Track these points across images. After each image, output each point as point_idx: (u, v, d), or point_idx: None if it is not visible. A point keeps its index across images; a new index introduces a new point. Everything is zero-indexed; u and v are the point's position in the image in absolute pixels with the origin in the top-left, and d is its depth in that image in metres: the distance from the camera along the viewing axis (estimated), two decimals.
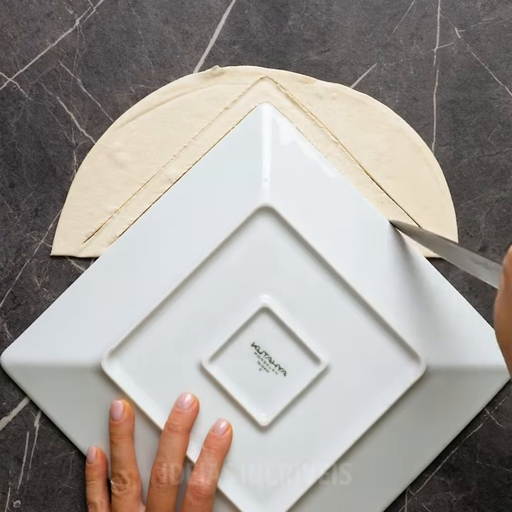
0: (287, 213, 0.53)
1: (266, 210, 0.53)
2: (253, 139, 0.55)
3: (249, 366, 0.54)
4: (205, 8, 0.57)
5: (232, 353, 0.53)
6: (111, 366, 0.53)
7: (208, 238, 0.53)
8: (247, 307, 0.53)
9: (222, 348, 0.53)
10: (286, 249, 0.53)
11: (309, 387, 0.53)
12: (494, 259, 0.45)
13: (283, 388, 0.53)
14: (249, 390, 0.54)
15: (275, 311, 0.53)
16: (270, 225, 0.53)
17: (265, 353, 0.53)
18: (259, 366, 0.54)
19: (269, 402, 0.54)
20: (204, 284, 0.53)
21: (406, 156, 0.57)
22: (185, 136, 0.57)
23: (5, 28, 0.57)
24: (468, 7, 0.58)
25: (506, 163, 0.57)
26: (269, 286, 0.54)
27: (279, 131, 0.55)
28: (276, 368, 0.54)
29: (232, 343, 0.53)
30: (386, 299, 0.54)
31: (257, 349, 0.53)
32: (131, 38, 0.57)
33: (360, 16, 0.57)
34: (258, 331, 0.53)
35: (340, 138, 0.57)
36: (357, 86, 0.57)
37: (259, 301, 0.53)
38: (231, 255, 0.53)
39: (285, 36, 0.57)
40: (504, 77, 0.57)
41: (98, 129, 0.57)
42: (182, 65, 0.57)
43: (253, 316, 0.53)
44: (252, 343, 0.54)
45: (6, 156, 0.57)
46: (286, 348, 0.53)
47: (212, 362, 0.53)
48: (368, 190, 0.57)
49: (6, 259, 0.57)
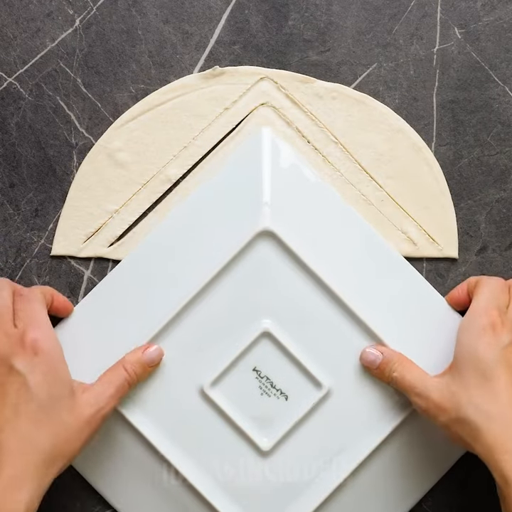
0: (288, 237, 0.53)
1: (266, 235, 0.53)
2: (253, 163, 0.55)
3: (251, 391, 0.53)
4: (205, 8, 0.57)
5: (233, 377, 0.53)
6: None
7: (209, 263, 0.53)
8: (248, 332, 0.53)
9: (223, 373, 0.53)
10: (287, 273, 0.53)
11: (311, 411, 0.53)
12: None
13: (285, 413, 0.53)
14: (250, 414, 0.53)
15: (276, 335, 0.53)
16: (271, 249, 0.53)
17: (267, 377, 0.53)
18: (260, 391, 0.53)
19: (271, 427, 0.53)
20: (204, 309, 0.53)
21: (406, 156, 0.57)
22: (185, 137, 0.57)
23: (5, 28, 0.57)
24: (468, 7, 0.58)
25: (506, 163, 0.57)
26: (270, 310, 0.53)
27: (279, 154, 0.55)
28: (277, 393, 0.53)
29: (233, 367, 0.53)
30: (388, 323, 0.53)
31: (258, 374, 0.53)
32: (131, 38, 0.57)
33: (360, 15, 0.57)
34: (259, 355, 0.53)
35: (340, 138, 0.57)
36: (357, 86, 0.57)
37: (260, 325, 0.53)
38: (232, 280, 0.53)
39: (285, 36, 0.57)
40: (504, 77, 0.57)
41: (98, 129, 0.57)
42: (182, 65, 0.57)
43: (254, 340, 0.53)
44: (254, 367, 0.53)
45: (6, 156, 0.57)
46: (288, 373, 0.53)
47: (214, 387, 0.53)
48: (368, 189, 0.57)
49: (6, 259, 0.57)
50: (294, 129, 0.57)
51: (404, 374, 0.50)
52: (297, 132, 0.57)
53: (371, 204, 0.57)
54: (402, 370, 0.51)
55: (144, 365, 0.52)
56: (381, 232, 0.56)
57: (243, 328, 0.53)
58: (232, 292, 0.53)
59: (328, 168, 0.57)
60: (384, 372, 0.52)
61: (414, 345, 0.53)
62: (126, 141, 0.57)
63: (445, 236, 0.57)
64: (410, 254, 0.57)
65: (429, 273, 0.57)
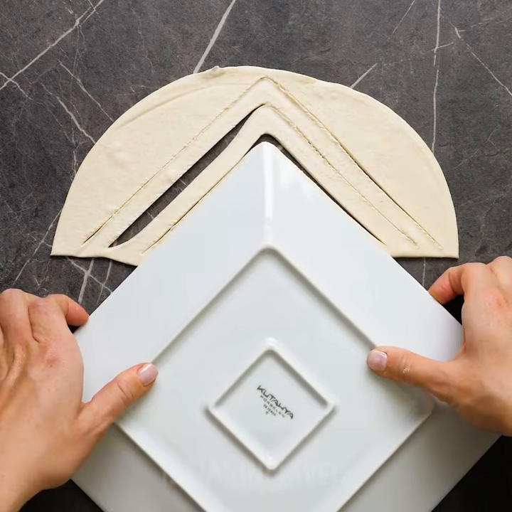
0: (290, 255, 0.53)
1: (269, 252, 0.53)
2: (255, 180, 0.55)
3: (256, 409, 0.53)
4: (205, 8, 0.57)
5: (238, 396, 0.53)
6: None
7: (211, 281, 0.53)
8: (252, 350, 0.53)
9: (228, 392, 0.53)
10: (290, 291, 0.53)
11: (317, 429, 0.53)
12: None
13: (290, 431, 0.53)
14: (256, 433, 0.53)
15: (280, 353, 0.53)
16: (273, 266, 0.53)
17: (271, 396, 0.53)
18: (265, 409, 0.53)
19: (277, 446, 0.53)
20: (208, 328, 0.53)
21: (406, 156, 0.57)
22: (185, 137, 0.57)
23: (5, 28, 0.57)
24: (468, 7, 0.57)
25: (506, 163, 0.57)
26: (274, 328, 0.53)
27: (280, 171, 0.55)
28: (282, 411, 0.53)
29: (237, 386, 0.53)
30: (392, 338, 0.53)
31: (263, 392, 0.53)
32: (131, 38, 0.57)
33: (360, 15, 0.57)
34: (264, 374, 0.53)
35: (340, 138, 0.57)
36: (357, 86, 0.57)
37: (264, 344, 0.53)
38: (235, 298, 0.53)
39: (285, 36, 0.57)
40: (504, 77, 0.57)
41: (98, 129, 0.57)
42: (182, 65, 0.57)
43: (258, 359, 0.53)
44: (258, 386, 0.53)
45: (6, 156, 0.57)
46: (293, 391, 0.53)
47: (219, 406, 0.53)
48: (368, 190, 0.57)
49: (6, 259, 0.57)
50: (294, 129, 0.57)
51: (416, 367, 0.50)
52: (297, 132, 0.57)
53: (371, 205, 0.57)
54: (413, 364, 0.51)
55: (138, 384, 0.52)
56: (381, 232, 0.56)
57: (247, 346, 0.53)
58: (235, 310, 0.53)
59: (328, 169, 0.57)
60: (393, 371, 0.52)
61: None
62: (126, 141, 0.57)
63: (445, 236, 0.57)
64: (411, 254, 0.57)
65: (429, 273, 0.57)
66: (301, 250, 0.53)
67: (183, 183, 0.57)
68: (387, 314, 0.54)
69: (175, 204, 0.57)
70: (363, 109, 0.57)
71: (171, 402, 0.53)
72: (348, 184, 0.57)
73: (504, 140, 0.57)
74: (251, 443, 0.53)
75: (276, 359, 0.53)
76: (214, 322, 0.53)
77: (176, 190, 0.57)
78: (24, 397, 0.47)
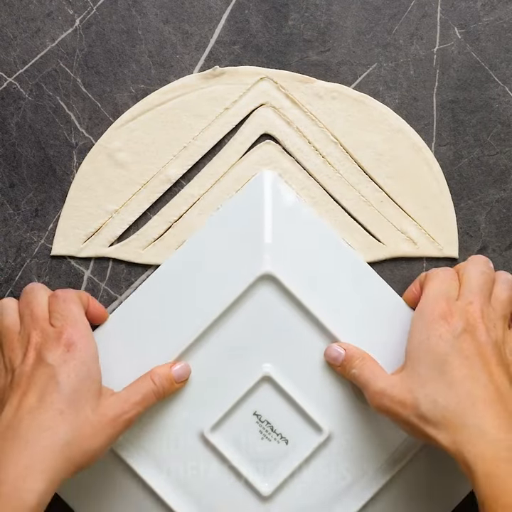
0: (289, 281, 0.53)
1: (267, 279, 0.53)
2: (255, 206, 0.55)
3: (251, 435, 0.53)
4: (205, 8, 0.57)
5: (233, 422, 0.53)
6: None
7: (209, 307, 0.53)
8: (249, 376, 0.53)
9: (223, 417, 0.53)
10: (288, 317, 0.53)
11: (312, 455, 0.53)
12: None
13: (285, 457, 0.53)
14: (251, 459, 0.53)
15: (277, 380, 0.53)
16: (272, 292, 0.53)
17: (267, 421, 0.53)
18: (261, 435, 0.53)
19: (272, 472, 0.53)
20: (205, 353, 0.53)
21: (406, 156, 0.57)
22: (185, 137, 0.57)
23: (5, 28, 0.57)
24: (468, 7, 0.57)
25: (506, 163, 0.57)
26: (270, 354, 0.53)
27: (280, 197, 0.55)
28: (278, 437, 0.53)
29: (233, 412, 0.53)
30: (387, 365, 0.53)
31: (258, 418, 0.53)
32: (131, 38, 0.57)
33: (360, 15, 0.57)
34: (260, 400, 0.53)
35: (340, 138, 0.57)
36: (357, 86, 0.57)
37: (261, 369, 0.53)
38: (232, 324, 0.53)
39: (285, 36, 0.57)
40: (504, 77, 0.57)
41: (98, 129, 0.57)
42: (182, 65, 0.57)
43: (255, 385, 0.53)
44: (254, 412, 0.53)
45: (6, 156, 0.57)
46: (288, 417, 0.53)
47: (214, 431, 0.53)
48: (367, 190, 0.57)
49: (6, 259, 0.57)
50: (294, 128, 0.57)
51: (363, 371, 0.50)
52: (297, 132, 0.57)
53: (371, 205, 0.57)
54: (362, 367, 0.50)
55: (171, 380, 0.52)
56: (381, 232, 0.57)
57: (244, 372, 0.53)
58: (233, 336, 0.53)
59: (328, 169, 0.57)
60: (345, 369, 0.52)
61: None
62: (126, 141, 0.57)
63: (445, 236, 0.57)
64: (410, 254, 0.57)
65: None
66: (299, 276, 0.54)
67: (183, 183, 0.57)
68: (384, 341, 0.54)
69: (175, 202, 0.57)
70: (363, 109, 0.57)
71: (166, 426, 0.53)
72: (348, 184, 0.57)
73: (504, 140, 0.57)
74: (246, 469, 0.53)
75: (273, 385, 0.53)
76: (211, 347, 0.53)
77: (175, 190, 0.57)
78: (43, 384, 0.47)
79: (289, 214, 0.55)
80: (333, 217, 0.57)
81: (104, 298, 0.57)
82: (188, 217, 0.57)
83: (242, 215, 0.55)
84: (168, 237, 0.57)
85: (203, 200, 0.57)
